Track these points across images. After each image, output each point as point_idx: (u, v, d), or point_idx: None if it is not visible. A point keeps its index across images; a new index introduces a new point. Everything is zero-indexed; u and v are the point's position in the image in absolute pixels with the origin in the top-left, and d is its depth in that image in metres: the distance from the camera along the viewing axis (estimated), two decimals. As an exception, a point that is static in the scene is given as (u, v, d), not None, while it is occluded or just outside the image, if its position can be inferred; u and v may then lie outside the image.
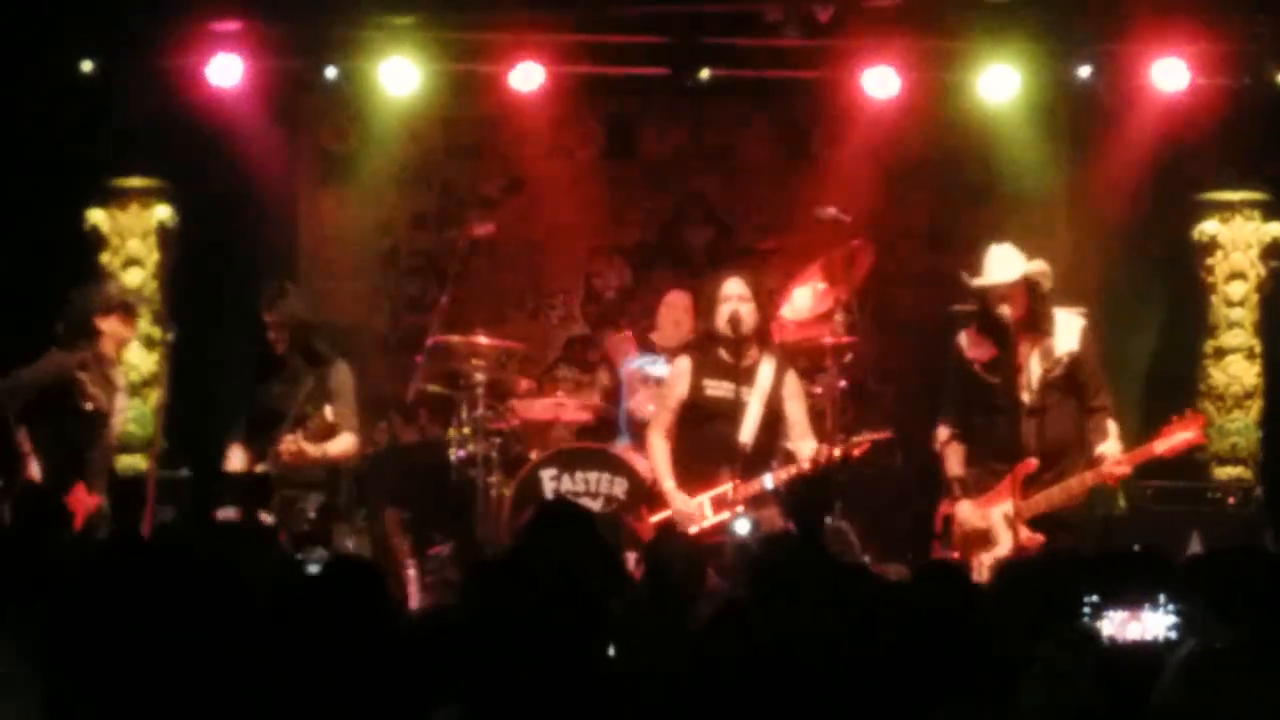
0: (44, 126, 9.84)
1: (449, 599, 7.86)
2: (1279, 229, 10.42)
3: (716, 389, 7.88)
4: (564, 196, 10.81)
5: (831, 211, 8.93)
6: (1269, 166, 10.21)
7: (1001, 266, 7.51)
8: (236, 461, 8.26)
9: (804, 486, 5.36)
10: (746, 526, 7.44)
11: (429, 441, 10.18)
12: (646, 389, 9.33)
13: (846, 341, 8.86)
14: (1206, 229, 10.43)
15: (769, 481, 7.67)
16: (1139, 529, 8.69)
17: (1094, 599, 3.56)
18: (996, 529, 7.44)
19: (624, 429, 9.45)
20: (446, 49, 10.11)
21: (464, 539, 8.92)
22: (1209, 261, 10.44)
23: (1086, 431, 7.52)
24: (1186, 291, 10.54)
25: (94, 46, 9.78)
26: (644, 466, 8.43)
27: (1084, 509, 7.64)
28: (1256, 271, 10.42)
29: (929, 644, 3.79)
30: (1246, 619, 3.78)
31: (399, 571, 8.63)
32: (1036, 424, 7.44)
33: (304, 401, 8.11)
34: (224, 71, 9.87)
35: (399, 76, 9.96)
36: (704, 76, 9.94)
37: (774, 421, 7.89)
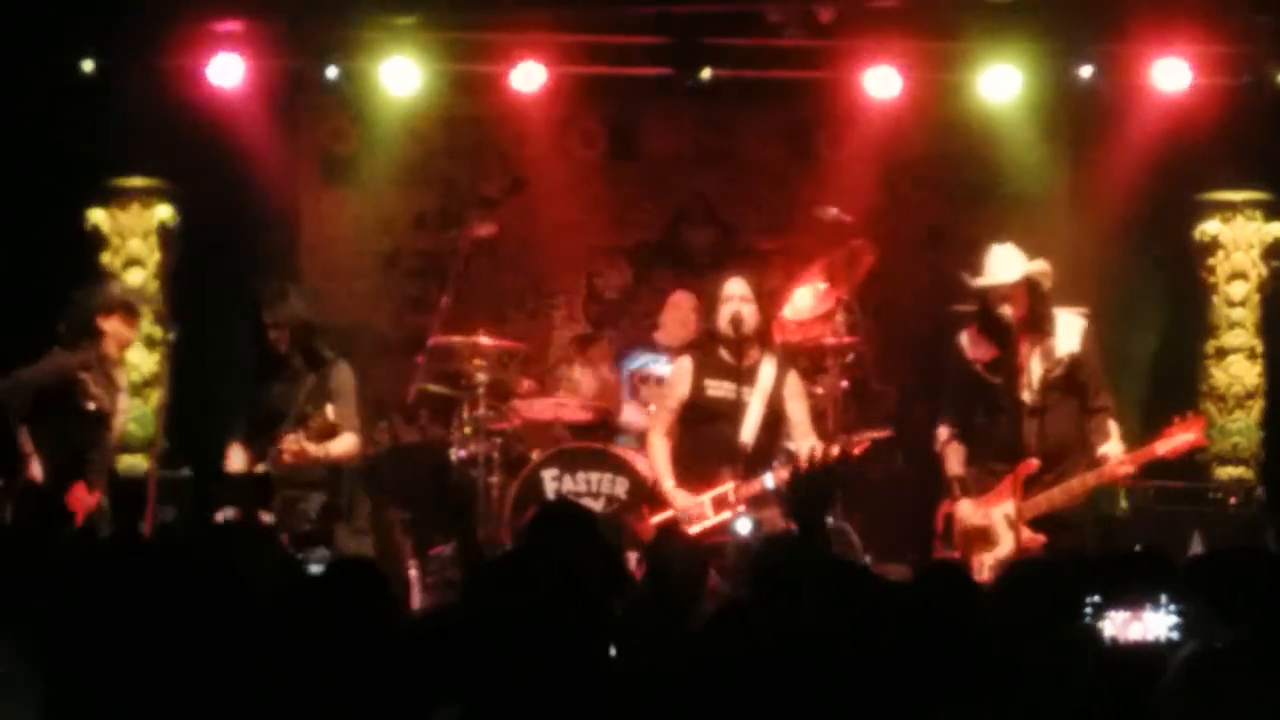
0: (45, 126, 9.83)
1: (450, 599, 7.85)
2: (1280, 229, 10.46)
3: (718, 389, 7.88)
4: (565, 196, 10.81)
5: (833, 211, 8.94)
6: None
7: (1003, 267, 7.50)
8: (237, 462, 8.25)
9: (803, 485, 5.35)
10: (748, 526, 7.44)
11: (430, 442, 10.17)
12: (647, 389, 9.33)
13: (848, 341, 8.87)
14: (1208, 229, 10.43)
15: (770, 481, 7.67)
16: (1140, 529, 8.68)
17: (1095, 599, 3.56)
18: (997, 529, 7.43)
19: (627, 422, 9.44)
20: (448, 49, 10.11)
21: (465, 539, 8.87)
22: (1210, 261, 10.44)
23: (1088, 432, 7.52)
24: (1188, 291, 10.54)
25: (95, 46, 9.77)
26: (645, 467, 8.42)
27: (1084, 509, 7.64)
28: (1258, 271, 10.42)
29: (930, 644, 3.78)
30: (1248, 619, 3.78)
31: (402, 571, 8.62)
32: (1037, 424, 7.43)
33: (305, 402, 8.11)
34: (225, 71, 9.87)
35: (400, 76, 9.96)
36: (706, 77, 9.93)
37: (775, 421, 7.89)
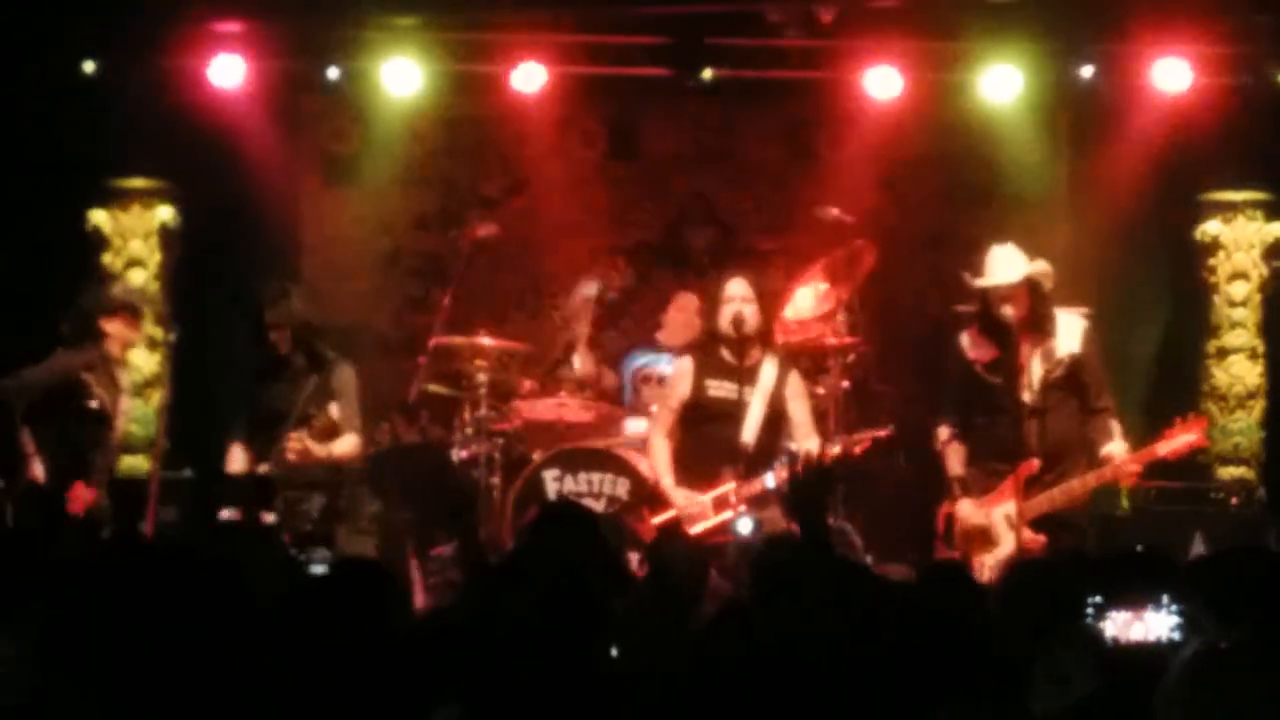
0: (46, 127, 9.83)
1: (451, 600, 7.85)
2: (1281, 229, 10.46)
3: (719, 389, 7.88)
4: (566, 197, 10.81)
5: (834, 212, 8.93)
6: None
7: (1004, 267, 7.50)
8: (237, 462, 8.24)
9: (800, 485, 5.35)
10: (749, 526, 7.44)
11: (431, 442, 10.17)
12: (649, 389, 9.33)
13: (849, 342, 8.86)
14: (1209, 229, 10.43)
15: (770, 481, 7.66)
16: (1141, 529, 8.67)
17: (1097, 600, 3.55)
18: (997, 529, 7.43)
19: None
20: (448, 49, 10.11)
21: (466, 540, 8.87)
22: (1211, 261, 10.44)
23: (1090, 431, 7.52)
24: (1189, 291, 10.54)
25: (96, 47, 9.77)
26: (646, 467, 8.42)
27: (1084, 509, 7.64)
28: (1259, 271, 10.42)
29: (931, 644, 3.78)
30: (1249, 619, 3.78)
31: (406, 572, 8.61)
32: (1038, 424, 7.42)
33: (306, 402, 8.11)
34: (226, 72, 9.87)
35: (401, 77, 9.96)
36: (706, 77, 9.93)
37: (776, 421, 7.89)
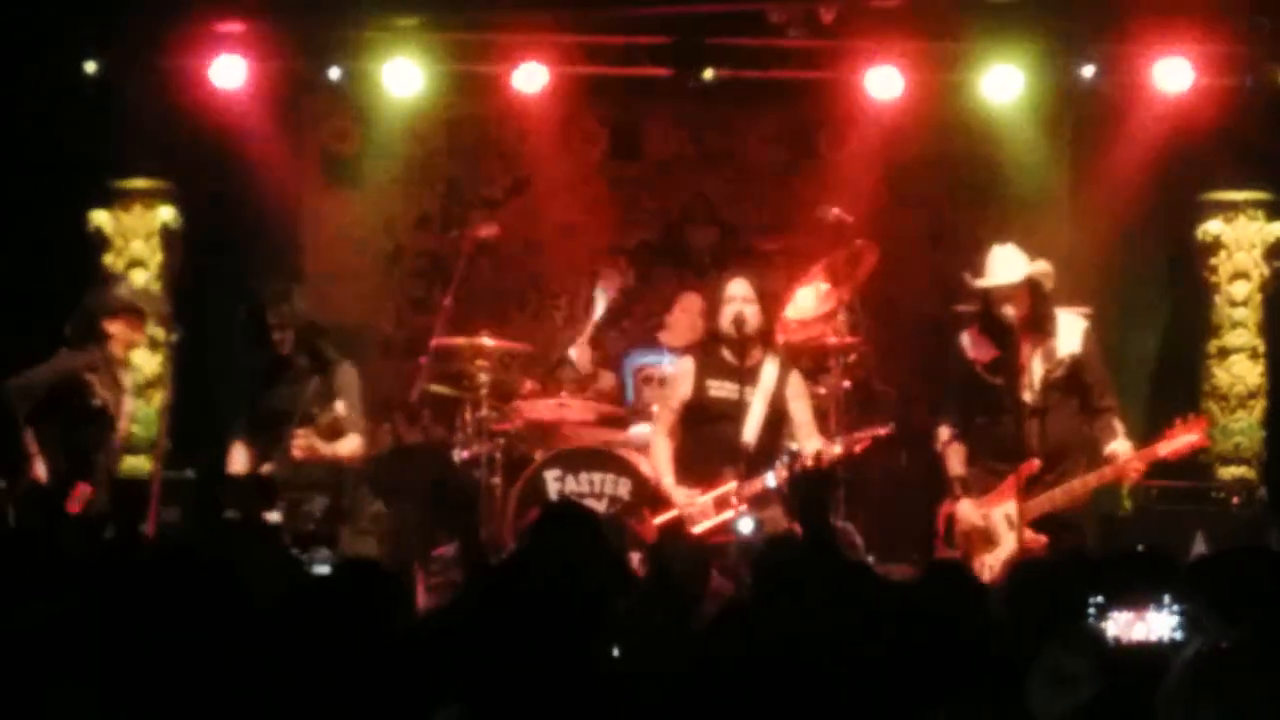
0: (47, 127, 9.82)
1: (452, 600, 7.84)
2: (1282, 228, 10.45)
3: (720, 389, 7.88)
4: (567, 197, 10.81)
5: (835, 212, 8.93)
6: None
7: (1005, 267, 7.50)
8: (239, 462, 8.24)
9: (806, 486, 5.35)
10: (750, 526, 7.44)
11: (433, 442, 10.17)
12: (651, 389, 9.32)
13: (850, 341, 8.86)
14: (1210, 229, 10.42)
15: (771, 480, 7.67)
16: (1143, 529, 8.67)
17: (1098, 600, 3.55)
18: (998, 529, 7.44)
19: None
20: (450, 50, 10.11)
21: (467, 540, 8.87)
22: (1212, 261, 10.43)
23: (1095, 431, 7.52)
24: (1190, 291, 10.53)
25: (97, 47, 9.75)
26: (648, 467, 8.42)
27: (1085, 509, 7.64)
28: (1260, 271, 10.41)
29: (932, 644, 3.78)
30: (1251, 619, 3.78)
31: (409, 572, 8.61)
32: (1038, 424, 7.43)
33: (309, 402, 8.11)
34: (227, 72, 9.86)
35: (402, 77, 9.95)
36: (707, 77, 9.92)
37: (777, 421, 7.90)
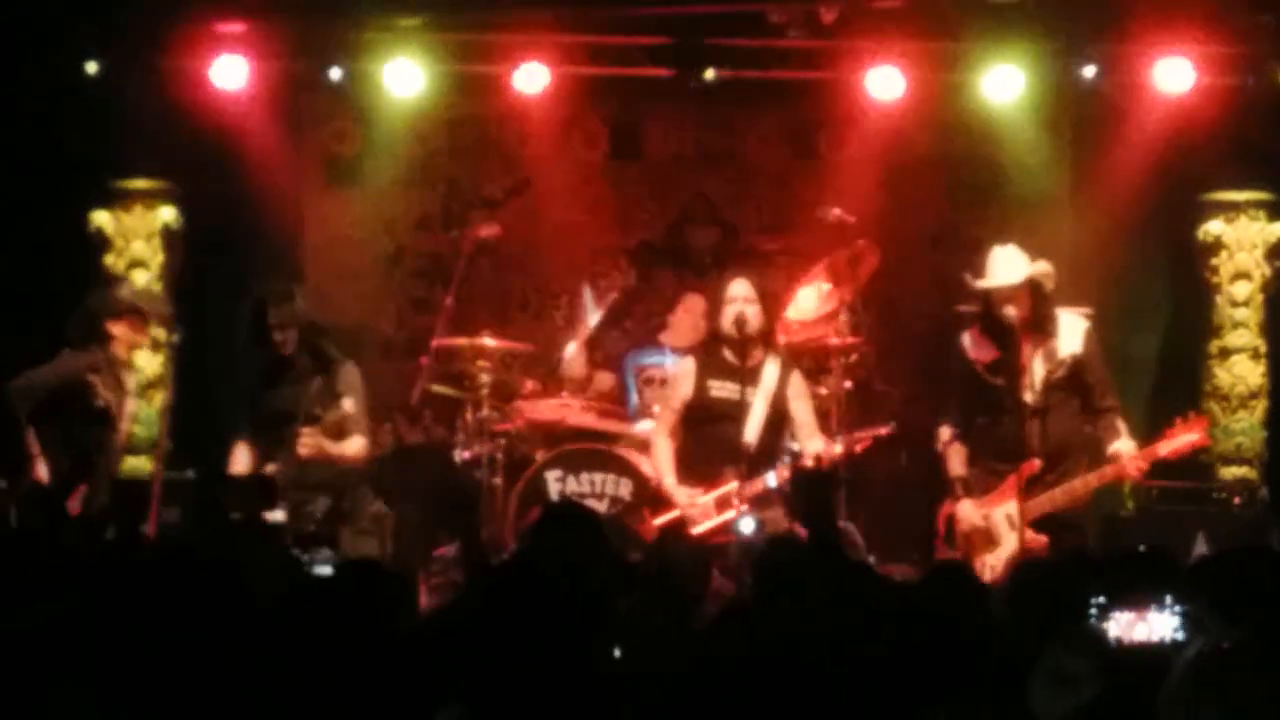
0: (48, 127, 9.82)
1: (453, 600, 7.85)
2: (1284, 229, 10.45)
3: (721, 389, 7.89)
4: (568, 197, 10.80)
5: (836, 212, 8.92)
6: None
7: (1006, 268, 7.50)
8: (241, 463, 8.24)
9: (808, 486, 5.35)
10: (751, 526, 7.44)
11: (434, 443, 10.17)
12: (652, 390, 9.32)
13: (851, 342, 8.86)
14: (1211, 229, 10.41)
15: (772, 480, 7.68)
16: (1144, 529, 8.67)
17: (1100, 600, 3.55)
18: (999, 529, 7.44)
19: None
20: (451, 50, 10.10)
21: (468, 540, 8.88)
22: (1214, 261, 10.43)
23: (1098, 431, 7.52)
24: (1191, 291, 10.53)
25: (98, 47, 9.74)
26: (649, 467, 8.42)
27: (1086, 509, 7.64)
28: (1261, 271, 10.41)
29: (933, 644, 3.78)
30: (1252, 619, 3.77)
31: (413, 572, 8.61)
32: (1039, 424, 7.43)
33: (312, 403, 8.11)
34: (228, 73, 9.86)
35: (404, 77, 9.95)
36: (709, 77, 9.91)
37: (778, 422, 7.90)
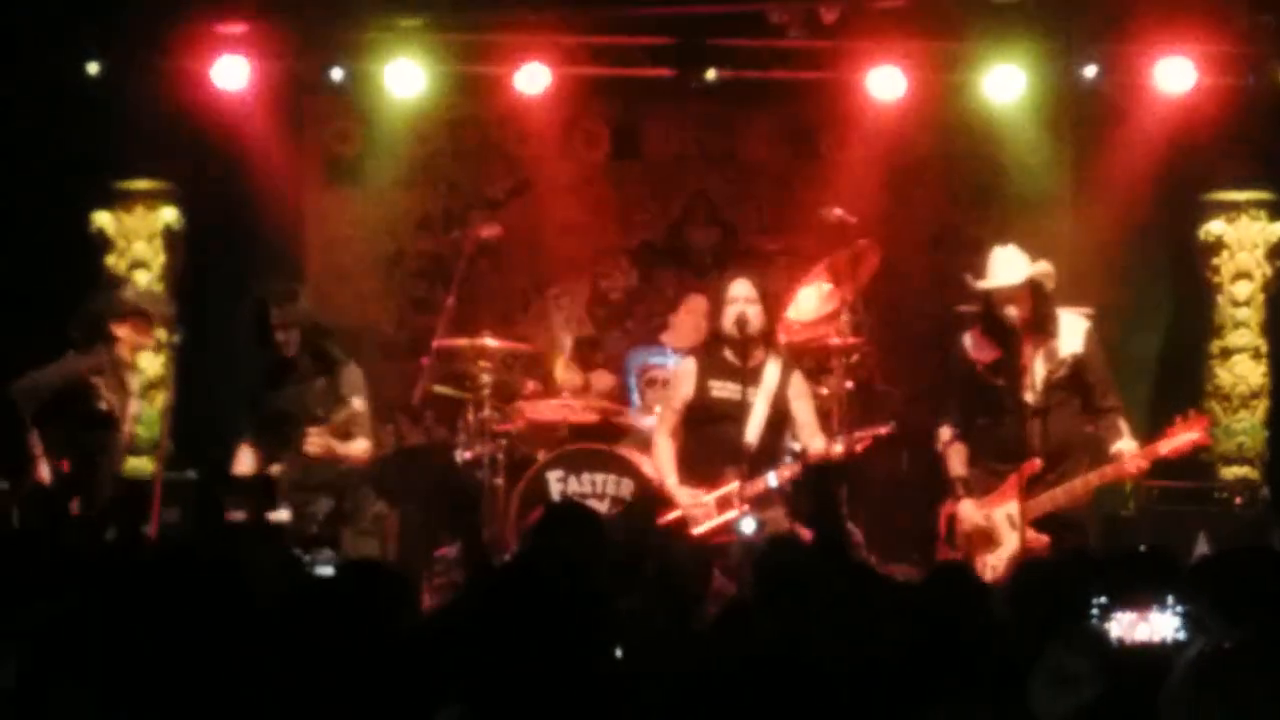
0: (49, 128, 9.82)
1: (454, 600, 7.85)
2: (1285, 229, 10.45)
3: (722, 390, 7.89)
4: (569, 198, 10.81)
5: (837, 212, 8.92)
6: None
7: (1006, 269, 7.50)
8: (245, 464, 8.24)
9: (819, 481, 5.36)
10: (752, 526, 7.45)
11: (435, 443, 10.17)
12: (654, 391, 9.32)
13: (852, 342, 8.85)
14: (1212, 229, 10.42)
15: (773, 479, 7.68)
16: (1145, 529, 8.68)
17: (1102, 600, 3.55)
18: (999, 529, 7.44)
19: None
20: (452, 51, 10.10)
21: (469, 540, 8.90)
22: (1215, 261, 10.43)
23: (1100, 430, 7.52)
24: (1192, 291, 10.53)
25: (99, 48, 9.74)
26: (650, 468, 8.42)
27: (1087, 509, 7.64)
28: (1262, 271, 10.41)
29: (933, 644, 3.78)
30: (1254, 619, 3.77)
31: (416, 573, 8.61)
32: (1040, 424, 7.43)
33: (314, 403, 8.11)
34: (230, 73, 9.86)
35: (405, 78, 9.95)
36: (709, 78, 9.91)
37: (779, 422, 7.91)
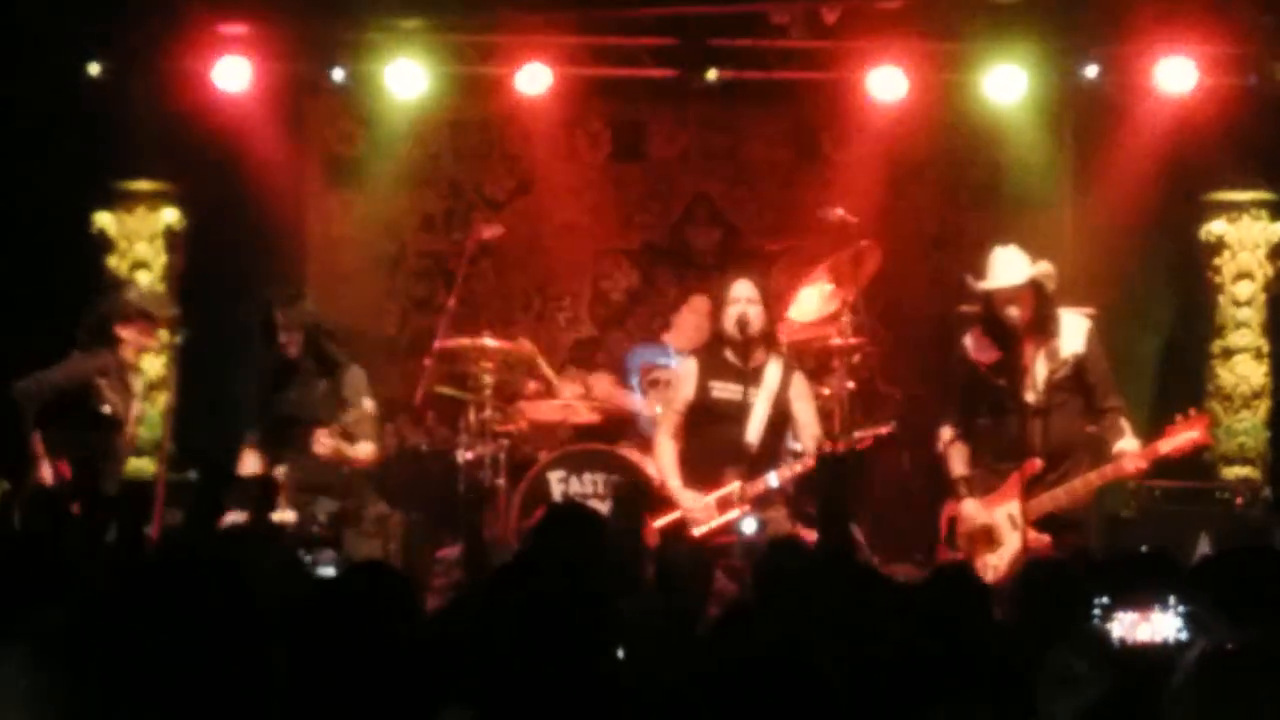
0: (51, 129, 9.82)
1: (456, 601, 7.85)
2: (1286, 229, 10.45)
3: (723, 390, 7.89)
4: (571, 198, 10.81)
5: (838, 212, 8.92)
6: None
7: (1007, 269, 7.49)
8: (250, 466, 8.24)
9: (833, 471, 5.37)
10: (753, 526, 7.45)
11: (437, 444, 10.17)
12: (657, 392, 9.33)
13: (853, 342, 8.85)
14: (1214, 229, 10.42)
15: (774, 480, 7.67)
16: (1147, 530, 8.67)
17: (1104, 600, 3.55)
18: (1001, 529, 7.44)
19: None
20: (453, 51, 10.11)
21: (471, 541, 8.91)
22: (1216, 261, 10.43)
23: (1102, 430, 7.51)
24: (1194, 291, 10.53)
25: (100, 48, 9.76)
26: (652, 469, 8.42)
27: (1089, 509, 7.63)
28: (1264, 271, 10.41)
29: (935, 644, 3.79)
30: (1256, 620, 3.77)
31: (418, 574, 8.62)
32: (1041, 424, 7.42)
33: (317, 405, 8.11)
34: (231, 74, 9.87)
35: (406, 79, 9.96)
36: (711, 78, 9.92)
37: (780, 423, 7.90)
